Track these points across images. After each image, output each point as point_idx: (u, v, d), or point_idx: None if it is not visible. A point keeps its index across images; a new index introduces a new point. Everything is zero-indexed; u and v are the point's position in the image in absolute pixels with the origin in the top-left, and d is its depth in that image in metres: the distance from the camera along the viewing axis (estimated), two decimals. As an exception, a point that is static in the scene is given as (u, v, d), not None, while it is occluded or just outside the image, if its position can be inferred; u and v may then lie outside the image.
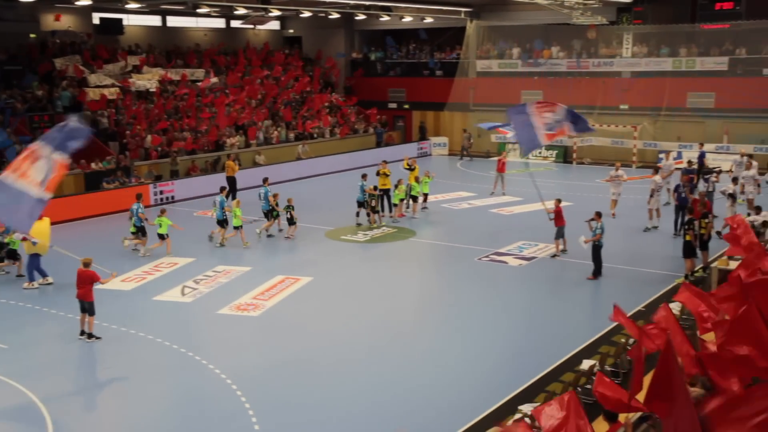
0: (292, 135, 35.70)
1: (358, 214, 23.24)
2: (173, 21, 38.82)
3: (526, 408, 9.80)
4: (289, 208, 21.64)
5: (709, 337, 8.81)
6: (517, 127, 18.03)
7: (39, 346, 14.22)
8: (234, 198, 24.15)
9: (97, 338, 14.20)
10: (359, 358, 13.32)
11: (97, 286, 14.28)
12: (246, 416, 11.11)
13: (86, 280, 14.04)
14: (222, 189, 22.20)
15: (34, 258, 17.51)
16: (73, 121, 13.56)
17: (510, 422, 9.06)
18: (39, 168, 12.82)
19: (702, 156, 27.00)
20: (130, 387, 12.51)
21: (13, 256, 18.41)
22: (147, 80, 33.15)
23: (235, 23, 40.39)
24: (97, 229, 23.56)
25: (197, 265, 19.12)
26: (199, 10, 33.38)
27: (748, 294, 7.78)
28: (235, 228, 20.74)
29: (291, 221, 21.72)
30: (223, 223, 21.07)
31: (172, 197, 27.74)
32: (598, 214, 17.34)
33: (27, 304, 16.44)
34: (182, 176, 29.25)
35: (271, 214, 22.05)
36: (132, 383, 12.62)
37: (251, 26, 39.70)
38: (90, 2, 29.86)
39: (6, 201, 12.87)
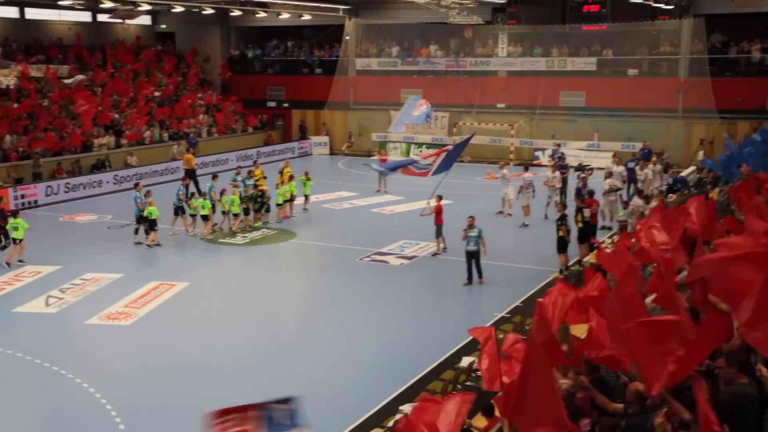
0: (166, 135, 34.70)
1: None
2: (32, 13, 36.73)
3: (407, 408, 9.91)
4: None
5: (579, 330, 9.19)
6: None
7: None
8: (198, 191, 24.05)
9: (-50, 356, 13.29)
10: (238, 365, 13.08)
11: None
12: (117, 432, 10.69)
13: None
14: (183, 179, 23.51)
15: None
16: None
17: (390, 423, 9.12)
18: None
19: (562, 155, 28.31)
20: (-13, 407, 11.76)
21: None
22: (4, 76, 31.30)
23: (102, 17, 38.74)
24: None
25: (63, 273, 18.23)
26: (61, 2, 31.80)
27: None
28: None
29: (246, 212, 22.71)
30: (178, 210, 21.80)
31: (35, 201, 26.33)
32: (473, 219, 17.33)
33: None
34: (46, 179, 27.80)
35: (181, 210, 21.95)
36: (-10, 403, 11.87)
37: (119, 21, 38.21)
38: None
39: None
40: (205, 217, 21.73)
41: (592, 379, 7.31)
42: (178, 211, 21.82)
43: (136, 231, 21.09)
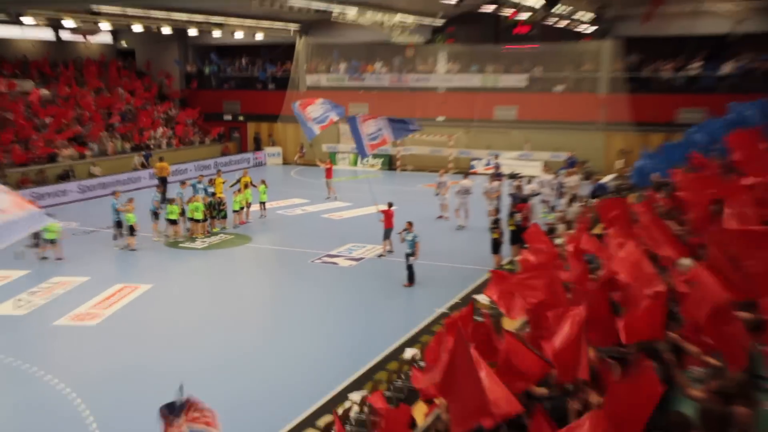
0: (128, 146, 34.27)
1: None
2: (-4, 31, 35.93)
3: (355, 396, 10.20)
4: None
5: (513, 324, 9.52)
6: (353, 134, 19.62)
7: None
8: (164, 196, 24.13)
9: None
10: (200, 362, 13.14)
11: None
12: (88, 428, 10.69)
13: None
14: (158, 186, 23.68)
15: None
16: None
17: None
18: None
19: (497, 165, 29.07)
20: (-40, 405, 11.62)
21: None
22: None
23: (64, 35, 38.05)
24: None
25: (31, 278, 18.02)
26: (24, 21, 31.12)
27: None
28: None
29: (205, 218, 22.60)
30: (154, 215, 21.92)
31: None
32: (410, 224, 17.56)
33: None
34: (12, 188, 27.20)
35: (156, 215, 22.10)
36: (-37, 401, 11.73)
37: (81, 38, 37.59)
38: None
39: None
40: (173, 222, 21.69)
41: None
42: (154, 216, 21.83)
43: (115, 237, 20.96)
